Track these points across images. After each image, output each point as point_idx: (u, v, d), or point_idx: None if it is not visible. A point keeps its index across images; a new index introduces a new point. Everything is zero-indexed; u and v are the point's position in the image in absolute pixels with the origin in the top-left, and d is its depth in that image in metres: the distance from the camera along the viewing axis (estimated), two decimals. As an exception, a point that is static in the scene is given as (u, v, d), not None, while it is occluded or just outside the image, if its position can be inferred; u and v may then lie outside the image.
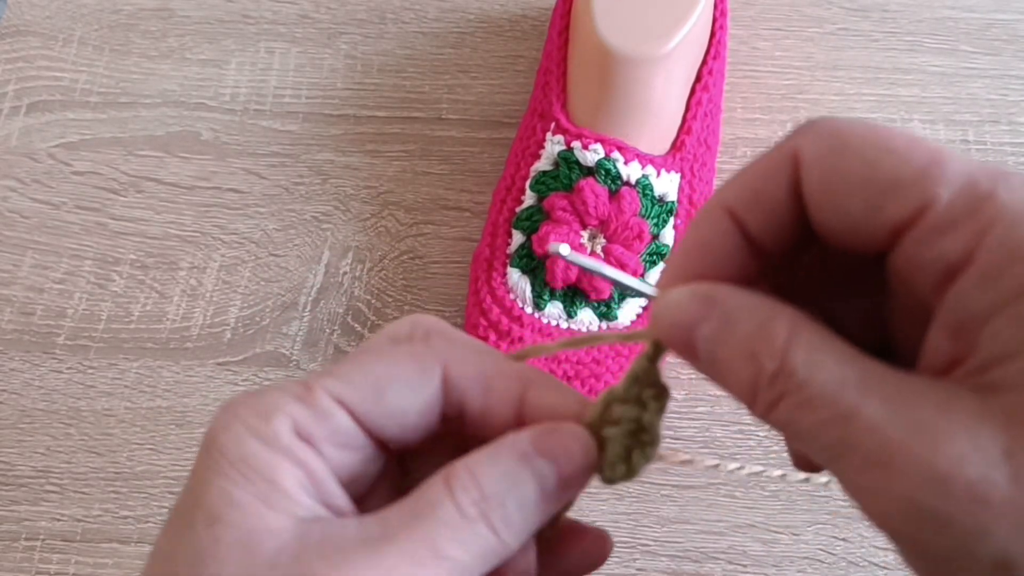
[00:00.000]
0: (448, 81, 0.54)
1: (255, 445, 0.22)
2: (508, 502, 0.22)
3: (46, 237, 0.51)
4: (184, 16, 0.57)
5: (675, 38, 0.45)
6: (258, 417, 0.22)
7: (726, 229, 0.21)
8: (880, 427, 0.18)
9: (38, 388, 0.48)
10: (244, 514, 0.21)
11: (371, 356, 0.24)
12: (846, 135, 0.20)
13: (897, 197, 0.19)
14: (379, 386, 0.23)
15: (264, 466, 0.21)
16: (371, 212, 0.51)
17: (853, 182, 0.19)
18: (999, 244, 0.18)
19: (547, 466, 0.22)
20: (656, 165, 0.46)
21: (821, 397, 0.19)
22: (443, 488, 0.22)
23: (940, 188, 0.19)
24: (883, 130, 0.20)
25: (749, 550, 0.44)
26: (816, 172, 0.20)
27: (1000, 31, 0.55)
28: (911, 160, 0.19)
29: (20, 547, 0.45)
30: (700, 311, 0.21)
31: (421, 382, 0.23)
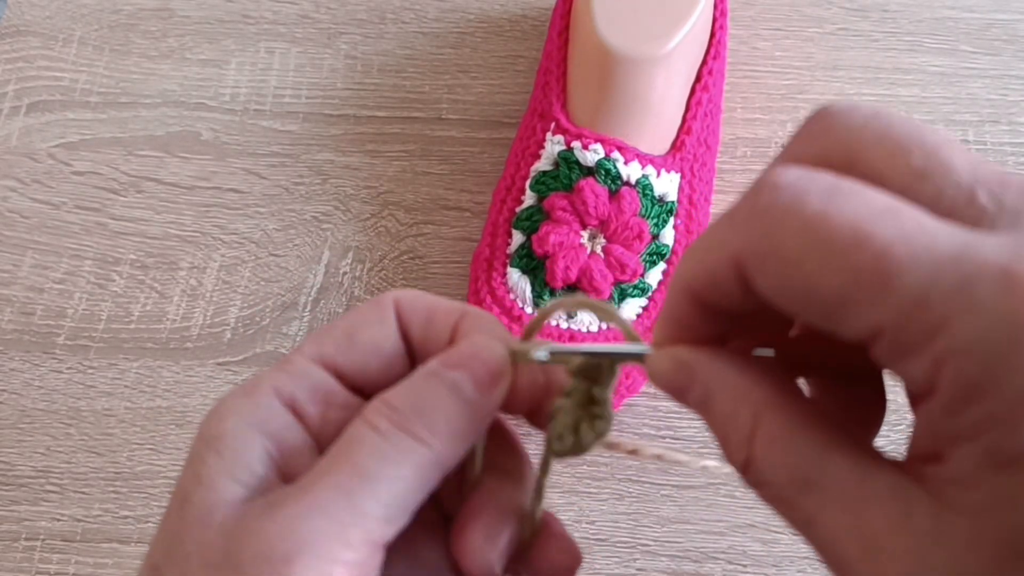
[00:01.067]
0: (448, 81, 0.54)
1: (233, 421, 0.23)
2: (425, 410, 0.22)
3: (46, 237, 0.51)
4: (184, 16, 0.57)
5: (675, 38, 0.45)
6: (242, 395, 0.23)
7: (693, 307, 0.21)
8: (836, 541, 0.18)
9: (38, 388, 0.48)
10: (208, 490, 0.22)
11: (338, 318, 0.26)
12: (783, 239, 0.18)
13: (847, 317, 0.17)
14: (348, 331, 0.25)
15: (236, 440, 0.22)
16: (371, 212, 0.51)
17: (802, 298, 0.18)
18: (954, 382, 0.16)
19: (459, 375, 0.23)
20: (656, 165, 0.46)
21: (783, 498, 0.19)
22: (357, 421, 0.23)
23: (886, 313, 0.17)
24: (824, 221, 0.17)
25: (749, 550, 0.44)
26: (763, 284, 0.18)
27: (1000, 31, 0.55)
28: (855, 269, 0.17)
29: (20, 547, 0.45)
30: (683, 380, 0.21)
31: (383, 320, 0.25)
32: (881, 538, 0.17)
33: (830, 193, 0.18)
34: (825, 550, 0.18)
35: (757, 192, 0.19)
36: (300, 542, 0.20)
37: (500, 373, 0.24)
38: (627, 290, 0.45)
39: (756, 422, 0.19)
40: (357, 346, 0.24)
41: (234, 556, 0.21)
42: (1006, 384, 0.16)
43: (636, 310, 0.45)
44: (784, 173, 0.18)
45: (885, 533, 0.17)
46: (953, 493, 0.17)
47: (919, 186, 0.18)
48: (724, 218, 0.20)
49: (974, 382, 0.16)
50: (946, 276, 0.16)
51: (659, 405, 0.47)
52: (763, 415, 0.20)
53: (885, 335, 0.17)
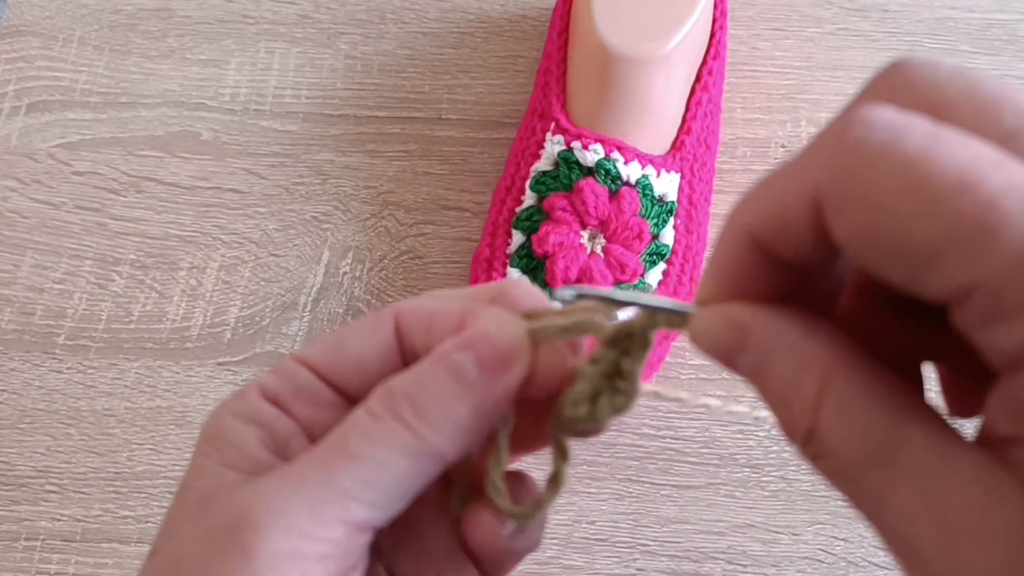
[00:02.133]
0: (448, 81, 0.54)
1: (227, 419, 0.23)
2: (419, 396, 0.22)
3: (46, 237, 0.51)
4: (184, 16, 0.57)
5: (675, 38, 0.45)
6: (234, 396, 0.24)
7: (751, 252, 0.19)
8: (909, 521, 0.16)
9: (38, 388, 0.48)
10: (207, 478, 0.22)
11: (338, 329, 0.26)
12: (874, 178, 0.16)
13: (937, 271, 0.16)
14: (339, 341, 0.24)
15: (231, 433, 0.23)
16: (371, 212, 0.51)
17: (885, 247, 0.16)
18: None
19: (463, 357, 0.22)
20: (656, 165, 0.46)
21: (851, 471, 0.17)
22: (360, 405, 0.22)
23: (988, 268, 0.15)
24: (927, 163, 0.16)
25: (749, 550, 0.44)
26: (841, 229, 0.17)
27: (1000, 31, 0.55)
28: (955, 219, 0.15)
29: (20, 547, 0.45)
30: (736, 342, 0.19)
31: (375, 330, 0.24)
32: (964, 523, 0.16)
33: (933, 136, 0.16)
34: (894, 534, 0.17)
35: (846, 126, 0.17)
36: (270, 512, 0.20)
37: (512, 354, 0.22)
38: (633, 285, 0.45)
39: (824, 386, 0.17)
40: (343, 355, 0.24)
41: (213, 524, 0.21)
42: None
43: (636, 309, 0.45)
44: (878, 110, 0.16)
45: (969, 518, 0.16)
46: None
47: (1012, 146, 0.16)
48: (800, 155, 0.18)
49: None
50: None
51: (659, 405, 0.47)
52: (833, 378, 0.17)
53: (978, 295, 0.15)
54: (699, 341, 0.20)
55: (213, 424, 0.24)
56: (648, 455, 0.46)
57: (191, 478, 0.23)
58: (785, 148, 0.52)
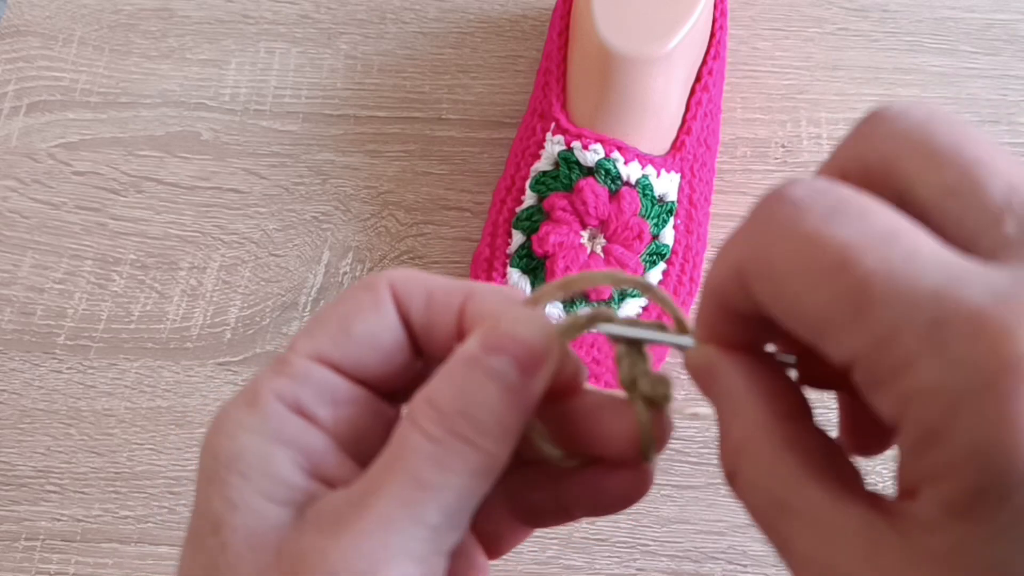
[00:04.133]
0: (448, 81, 0.54)
1: (246, 438, 0.21)
2: (471, 410, 0.21)
3: (46, 237, 0.51)
4: (184, 16, 0.57)
5: (675, 38, 0.45)
6: (244, 407, 0.22)
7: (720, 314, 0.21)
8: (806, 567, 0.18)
9: (38, 388, 0.48)
10: (245, 514, 0.21)
11: (328, 305, 0.24)
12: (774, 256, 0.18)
13: (829, 341, 0.17)
14: (343, 323, 0.23)
15: (257, 458, 0.21)
16: (371, 212, 0.51)
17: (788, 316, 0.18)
18: (916, 424, 0.16)
19: (501, 361, 0.21)
20: (656, 165, 0.46)
21: (763, 515, 0.20)
22: (407, 423, 0.21)
23: (861, 344, 0.17)
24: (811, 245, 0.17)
25: (749, 550, 0.44)
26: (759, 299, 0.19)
27: (1000, 31, 0.55)
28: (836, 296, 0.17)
29: (20, 547, 0.45)
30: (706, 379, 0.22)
31: (378, 306, 0.23)
32: (845, 571, 0.18)
33: (831, 212, 0.17)
34: (795, 567, 0.19)
35: (765, 203, 0.19)
36: (370, 561, 0.20)
37: (545, 353, 0.22)
38: (627, 290, 0.45)
39: (745, 441, 0.20)
40: (353, 339, 0.23)
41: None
42: (960, 433, 0.16)
43: (636, 310, 0.45)
44: (793, 187, 0.18)
45: (850, 567, 0.18)
46: (919, 536, 0.17)
47: (946, 204, 0.18)
48: (739, 226, 0.20)
49: (932, 427, 0.16)
50: (921, 313, 0.16)
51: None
52: (752, 436, 0.20)
53: (858, 366, 0.17)
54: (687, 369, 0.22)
55: (227, 443, 0.21)
56: (648, 455, 0.46)
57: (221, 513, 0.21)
58: (785, 148, 0.52)
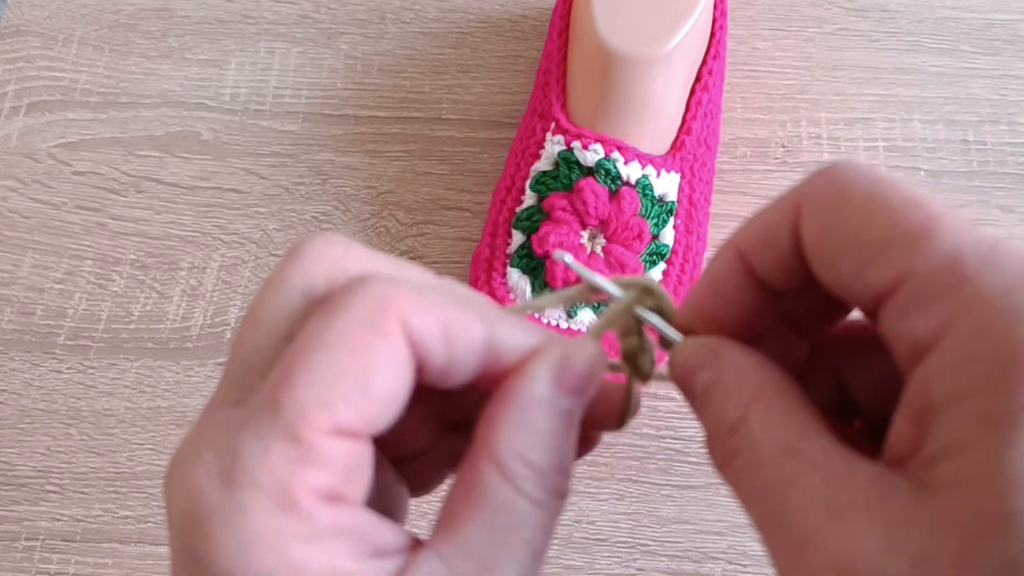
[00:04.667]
0: (448, 81, 0.54)
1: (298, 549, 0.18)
2: (561, 462, 0.21)
3: (46, 237, 0.51)
4: (184, 16, 0.57)
5: (675, 38, 0.45)
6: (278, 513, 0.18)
7: (736, 268, 0.22)
8: (809, 506, 0.18)
9: (38, 388, 0.48)
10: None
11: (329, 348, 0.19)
12: (848, 188, 0.19)
13: (881, 261, 0.18)
14: (361, 384, 0.19)
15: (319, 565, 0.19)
16: (371, 212, 0.51)
17: (844, 239, 0.19)
18: (968, 331, 0.17)
19: (571, 401, 0.22)
20: (656, 165, 0.46)
21: (769, 460, 0.19)
22: (507, 486, 0.20)
23: (922, 258, 0.18)
24: (888, 185, 0.19)
25: (749, 550, 0.44)
26: (811, 226, 0.20)
27: (1000, 31, 0.55)
28: (903, 223, 0.18)
29: (20, 547, 0.45)
30: (703, 360, 0.22)
31: (396, 355, 0.20)
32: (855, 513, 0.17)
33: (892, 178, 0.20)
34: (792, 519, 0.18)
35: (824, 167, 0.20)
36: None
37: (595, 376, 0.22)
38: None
39: (758, 391, 0.20)
40: (374, 400, 0.20)
41: None
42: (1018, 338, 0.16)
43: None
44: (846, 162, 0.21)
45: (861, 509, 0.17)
46: (932, 470, 0.17)
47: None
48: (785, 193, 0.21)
49: (987, 332, 0.17)
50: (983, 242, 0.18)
51: (659, 405, 0.47)
52: (765, 391, 0.20)
53: (907, 284, 0.18)
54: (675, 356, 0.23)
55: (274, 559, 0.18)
56: (648, 455, 0.46)
57: None
58: (785, 148, 0.52)
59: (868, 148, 0.52)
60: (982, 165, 0.51)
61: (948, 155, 0.52)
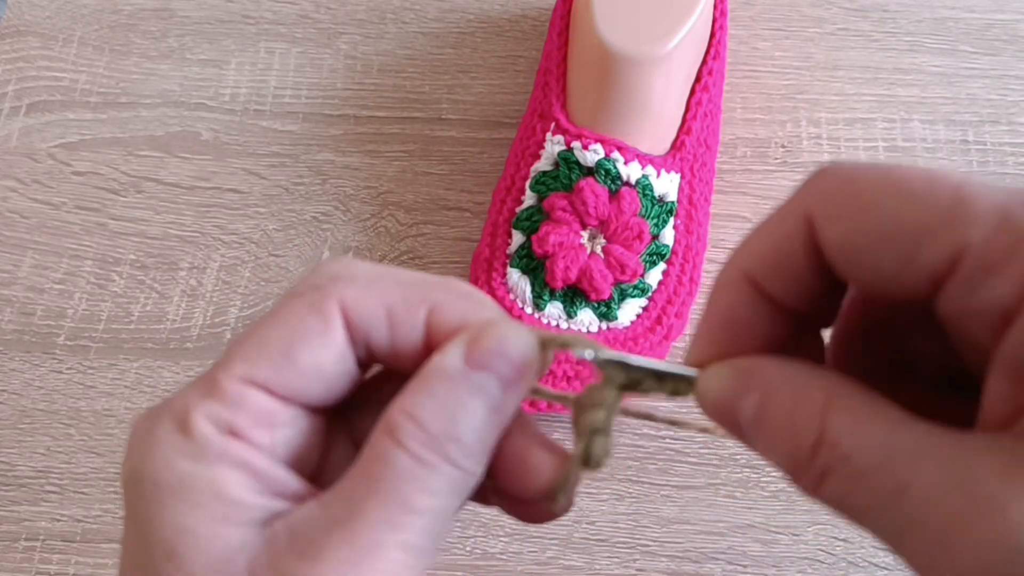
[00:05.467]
0: (448, 81, 0.54)
1: (186, 464, 0.20)
2: (460, 433, 0.21)
3: (46, 237, 0.51)
4: (184, 16, 0.57)
5: (675, 38, 0.45)
6: (176, 432, 0.21)
7: (748, 298, 0.21)
8: (939, 499, 0.16)
9: (38, 388, 0.48)
10: (202, 539, 0.20)
11: (268, 321, 0.22)
12: (859, 186, 0.19)
13: (928, 246, 0.18)
14: (285, 349, 0.21)
15: (203, 482, 0.20)
16: (371, 212, 0.51)
17: (877, 238, 0.18)
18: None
19: (486, 378, 0.21)
20: (656, 165, 0.46)
21: (869, 469, 0.17)
22: (390, 442, 0.21)
23: (972, 229, 0.17)
24: (896, 171, 0.18)
25: (749, 550, 0.44)
26: (835, 233, 0.19)
27: (1000, 31, 0.55)
28: (934, 202, 0.18)
29: (20, 547, 0.45)
30: (741, 386, 0.20)
31: (326, 333, 0.22)
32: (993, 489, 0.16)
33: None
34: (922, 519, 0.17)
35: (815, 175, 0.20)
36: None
37: (528, 367, 0.22)
38: (627, 290, 0.45)
39: (830, 397, 0.18)
40: (297, 368, 0.21)
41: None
42: None
43: (636, 310, 0.45)
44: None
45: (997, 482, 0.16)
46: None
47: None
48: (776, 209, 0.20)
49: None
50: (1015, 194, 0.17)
51: (659, 406, 0.47)
52: (838, 387, 0.19)
53: (967, 258, 0.17)
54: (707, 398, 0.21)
55: (163, 469, 0.21)
56: (648, 455, 0.46)
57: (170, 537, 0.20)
58: (785, 148, 0.52)
59: (868, 148, 0.52)
60: (982, 165, 0.51)
61: (948, 155, 0.52)
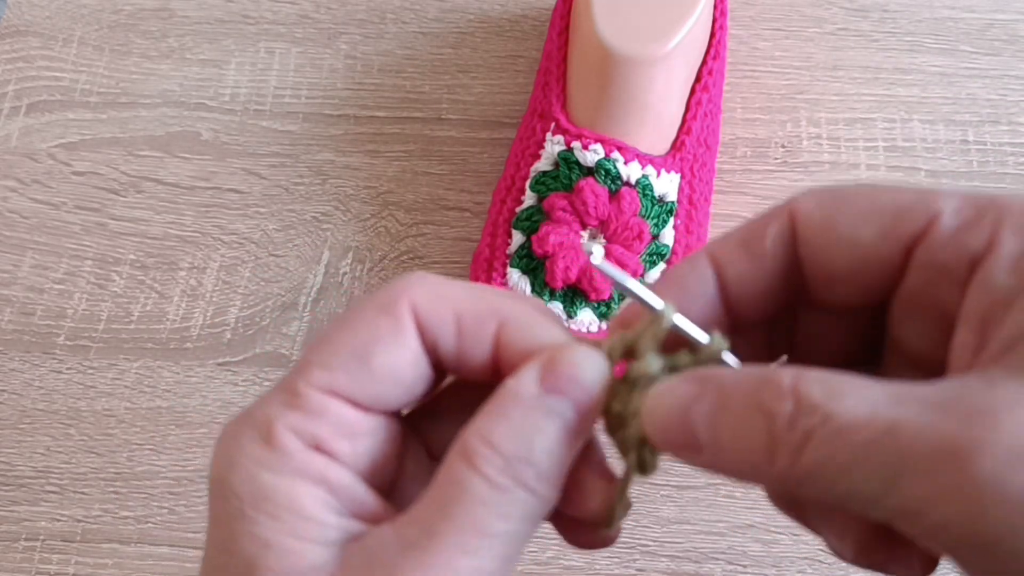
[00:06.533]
0: (448, 81, 0.54)
1: (268, 477, 0.21)
2: (534, 457, 0.21)
3: (46, 237, 0.51)
4: (184, 16, 0.57)
5: (675, 38, 0.45)
6: (260, 443, 0.21)
7: (703, 272, 0.22)
8: (931, 426, 0.17)
9: (38, 388, 0.48)
10: (281, 554, 0.20)
11: (340, 326, 0.22)
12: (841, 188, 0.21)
13: (904, 219, 0.20)
14: (361, 356, 0.21)
15: (284, 497, 0.20)
16: (371, 212, 0.51)
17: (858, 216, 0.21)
18: (1019, 226, 0.19)
19: (562, 403, 0.21)
20: (656, 165, 0.46)
21: (854, 421, 0.17)
22: (465, 466, 0.21)
23: (944, 202, 0.20)
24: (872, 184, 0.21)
25: (749, 550, 0.44)
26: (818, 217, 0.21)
27: (1000, 31, 0.55)
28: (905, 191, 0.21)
29: (20, 547, 0.45)
30: (693, 391, 0.20)
31: (399, 336, 0.22)
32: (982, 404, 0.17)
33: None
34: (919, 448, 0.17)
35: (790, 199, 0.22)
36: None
37: (599, 394, 0.22)
38: (627, 290, 0.45)
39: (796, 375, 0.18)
40: (374, 373, 0.22)
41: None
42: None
43: (636, 310, 0.45)
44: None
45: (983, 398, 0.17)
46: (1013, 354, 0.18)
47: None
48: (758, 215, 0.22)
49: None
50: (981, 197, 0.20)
51: (659, 405, 0.47)
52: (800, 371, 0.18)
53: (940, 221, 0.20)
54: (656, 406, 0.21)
55: (248, 481, 0.21)
56: (648, 455, 0.46)
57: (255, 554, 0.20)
58: (785, 148, 0.52)
59: (868, 148, 0.52)
60: (982, 165, 0.51)
61: (948, 155, 0.52)
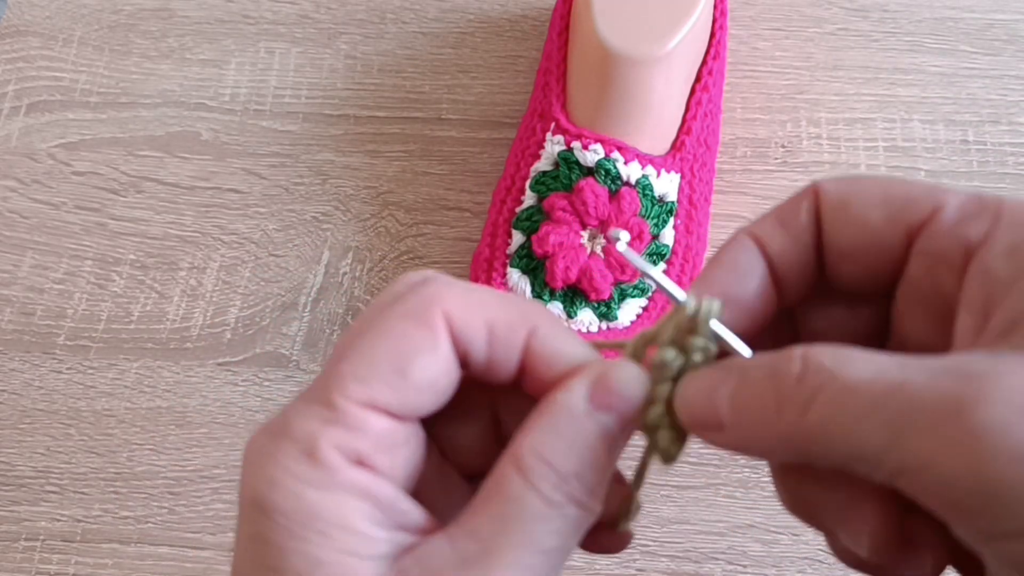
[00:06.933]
0: (448, 81, 0.54)
1: (314, 494, 0.20)
2: (585, 473, 0.21)
3: (46, 237, 0.51)
4: (184, 16, 0.57)
5: (675, 38, 0.45)
6: (302, 460, 0.21)
7: (750, 249, 0.24)
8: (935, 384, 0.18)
9: (38, 388, 0.48)
10: (333, 571, 0.20)
11: (374, 335, 0.22)
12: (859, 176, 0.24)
13: (911, 208, 0.22)
14: (399, 369, 0.21)
15: (332, 514, 0.20)
16: (371, 212, 0.51)
17: (870, 199, 0.23)
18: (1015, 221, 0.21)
19: (609, 418, 0.22)
20: (656, 165, 0.46)
21: (860, 379, 0.18)
22: (520, 480, 0.21)
23: (948, 198, 0.22)
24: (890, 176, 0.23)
25: (749, 550, 0.44)
26: (836, 195, 0.23)
27: (1000, 31, 0.55)
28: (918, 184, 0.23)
29: (20, 547, 0.45)
30: (720, 376, 0.21)
31: (434, 343, 0.22)
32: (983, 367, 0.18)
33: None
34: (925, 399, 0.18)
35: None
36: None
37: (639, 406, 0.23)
38: (627, 290, 0.45)
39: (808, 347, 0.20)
40: (413, 385, 0.22)
41: None
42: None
43: (636, 310, 0.45)
44: None
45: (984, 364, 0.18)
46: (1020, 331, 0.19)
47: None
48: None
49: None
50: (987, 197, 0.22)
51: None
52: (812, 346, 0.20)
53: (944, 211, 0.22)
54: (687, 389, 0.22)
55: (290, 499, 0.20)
56: (648, 455, 0.46)
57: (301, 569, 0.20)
58: (785, 148, 0.52)
59: (868, 148, 0.52)
60: (982, 165, 0.51)
61: (948, 155, 0.52)
